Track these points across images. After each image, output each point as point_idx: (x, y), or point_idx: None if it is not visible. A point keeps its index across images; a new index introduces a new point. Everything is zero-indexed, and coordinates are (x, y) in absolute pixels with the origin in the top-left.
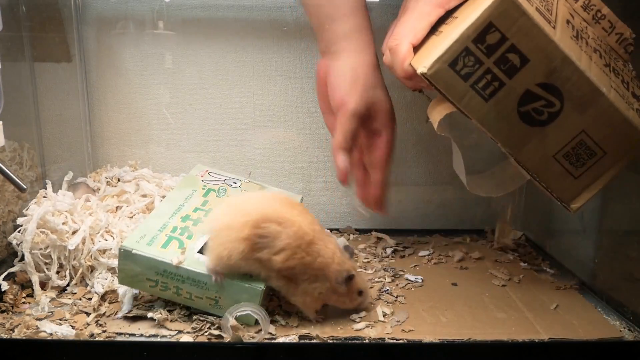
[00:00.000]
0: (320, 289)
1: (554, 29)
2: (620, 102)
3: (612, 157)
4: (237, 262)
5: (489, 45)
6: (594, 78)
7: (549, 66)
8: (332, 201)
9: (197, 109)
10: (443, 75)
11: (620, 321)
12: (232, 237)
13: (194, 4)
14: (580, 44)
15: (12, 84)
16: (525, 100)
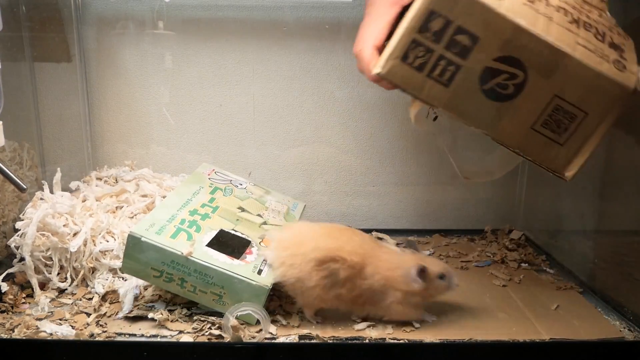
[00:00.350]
0: (397, 299)
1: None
2: (590, 57)
3: (595, 116)
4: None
5: (435, 32)
6: (552, 40)
7: (501, 39)
8: (332, 201)
9: (197, 109)
10: (398, 72)
11: (620, 321)
12: (305, 286)
13: (194, 4)
14: (536, 6)
15: (12, 84)
16: (486, 78)
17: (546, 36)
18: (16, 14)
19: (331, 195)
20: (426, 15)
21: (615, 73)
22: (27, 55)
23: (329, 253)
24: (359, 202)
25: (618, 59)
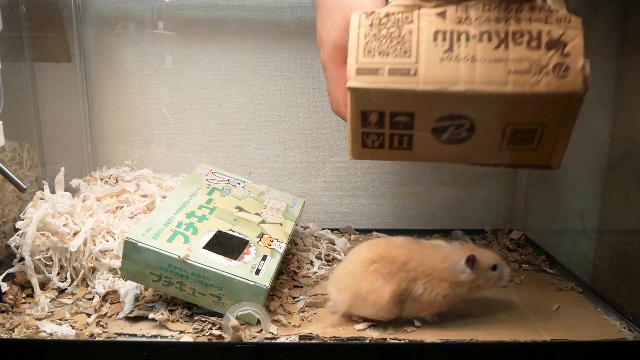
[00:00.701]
0: (443, 292)
1: (414, 74)
2: (525, 82)
3: (556, 121)
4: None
5: (377, 122)
6: (479, 88)
7: (432, 107)
8: (332, 201)
9: (197, 109)
10: (365, 154)
11: (620, 321)
12: (362, 298)
13: (194, 4)
14: (455, 52)
15: (12, 84)
16: (438, 134)
17: (473, 85)
18: (16, 14)
19: (331, 195)
20: (361, 115)
21: (557, 85)
22: (27, 55)
23: (367, 257)
24: (359, 202)
25: (559, 61)
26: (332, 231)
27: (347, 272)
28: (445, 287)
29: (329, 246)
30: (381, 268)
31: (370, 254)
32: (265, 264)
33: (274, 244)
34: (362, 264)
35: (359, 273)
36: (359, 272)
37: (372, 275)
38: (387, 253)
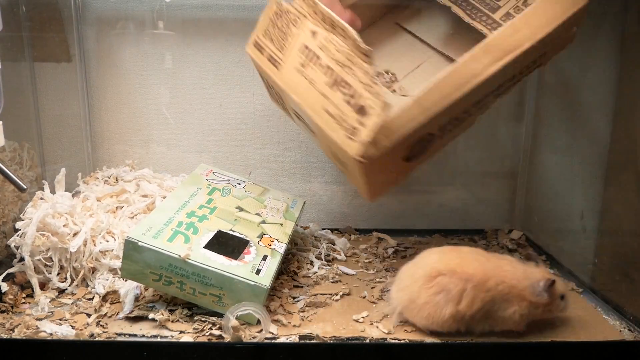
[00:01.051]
0: (520, 310)
1: (278, 69)
2: (330, 123)
3: (353, 168)
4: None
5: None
6: (305, 108)
7: (286, 102)
8: (332, 201)
9: (197, 109)
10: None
11: (620, 321)
12: (416, 305)
13: (194, 4)
14: (306, 70)
15: (12, 84)
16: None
17: (300, 105)
18: (16, 14)
19: (331, 195)
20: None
21: (344, 142)
22: (27, 55)
23: (436, 267)
24: (359, 202)
25: (355, 125)
26: (332, 231)
27: (410, 274)
28: (524, 306)
29: (329, 246)
30: (450, 284)
31: (439, 265)
32: (265, 264)
33: (274, 244)
34: (428, 272)
35: (422, 280)
36: (422, 279)
37: (435, 288)
38: (461, 269)
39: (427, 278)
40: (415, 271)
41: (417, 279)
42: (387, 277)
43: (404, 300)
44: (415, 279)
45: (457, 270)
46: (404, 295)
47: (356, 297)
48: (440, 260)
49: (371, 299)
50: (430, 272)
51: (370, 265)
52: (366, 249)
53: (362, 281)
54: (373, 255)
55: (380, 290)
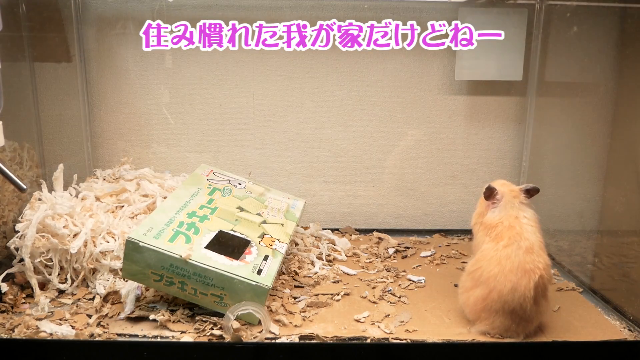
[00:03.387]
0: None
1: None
2: None
3: None
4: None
5: None
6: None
7: None
8: (332, 201)
9: (197, 109)
10: None
11: (620, 321)
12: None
13: (194, 4)
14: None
15: (12, 84)
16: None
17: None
18: (16, 14)
19: (331, 195)
20: None
21: None
22: (27, 55)
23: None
24: (359, 202)
25: None
26: (332, 231)
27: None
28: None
29: (330, 246)
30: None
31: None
32: (266, 264)
33: (275, 244)
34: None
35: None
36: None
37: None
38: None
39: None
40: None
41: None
42: (387, 277)
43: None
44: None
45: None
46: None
47: (357, 297)
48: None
49: (372, 299)
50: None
51: (371, 265)
52: (367, 249)
53: (363, 281)
54: (374, 255)
55: (382, 290)
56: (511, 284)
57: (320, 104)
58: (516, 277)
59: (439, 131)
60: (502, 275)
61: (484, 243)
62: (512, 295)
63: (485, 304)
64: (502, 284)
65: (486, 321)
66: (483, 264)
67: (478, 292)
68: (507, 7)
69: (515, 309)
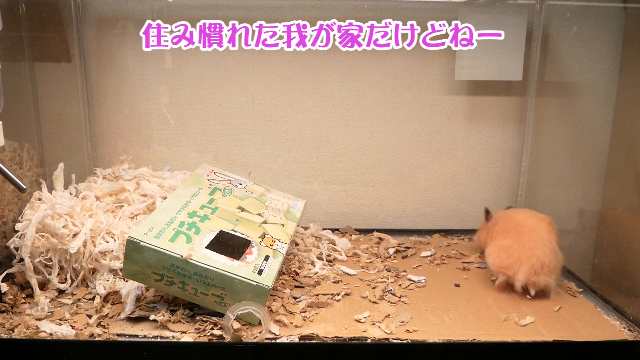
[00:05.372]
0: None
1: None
2: None
3: None
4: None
5: None
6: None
7: None
8: (332, 201)
9: (197, 109)
10: None
11: (620, 321)
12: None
13: (194, 4)
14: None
15: (12, 84)
16: None
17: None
18: (16, 14)
19: (331, 195)
20: None
21: None
22: (27, 55)
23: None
24: (359, 202)
25: None
26: (332, 231)
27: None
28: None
29: (330, 246)
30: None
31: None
32: (267, 264)
33: (276, 244)
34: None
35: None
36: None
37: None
38: None
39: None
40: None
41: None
42: (388, 277)
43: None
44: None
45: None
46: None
47: (357, 297)
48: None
49: (372, 299)
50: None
51: (371, 265)
52: (367, 249)
53: (363, 281)
54: (374, 255)
55: (382, 290)
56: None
57: (320, 104)
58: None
59: (439, 131)
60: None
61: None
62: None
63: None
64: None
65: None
66: (503, 225)
67: (507, 240)
68: (507, 7)
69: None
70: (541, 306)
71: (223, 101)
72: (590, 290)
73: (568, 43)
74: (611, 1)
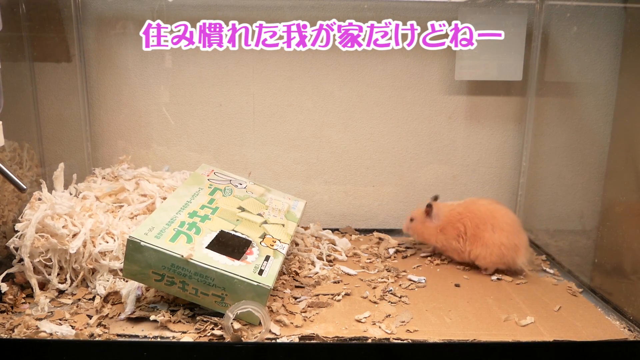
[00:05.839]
0: None
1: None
2: None
3: None
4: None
5: None
6: None
7: None
8: (332, 201)
9: (197, 109)
10: None
11: (620, 321)
12: None
13: (194, 4)
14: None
15: (12, 84)
16: None
17: None
18: (16, 14)
19: (331, 195)
20: None
21: None
22: (27, 55)
23: None
24: (359, 202)
25: None
26: (332, 231)
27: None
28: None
29: (330, 246)
30: None
31: None
32: (268, 264)
33: (276, 244)
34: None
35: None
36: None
37: None
38: None
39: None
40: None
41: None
42: (388, 277)
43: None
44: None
45: None
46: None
47: (358, 297)
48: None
49: (373, 299)
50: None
51: (371, 265)
52: (367, 249)
53: (364, 281)
54: (374, 255)
55: (382, 290)
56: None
57: (320, 104)
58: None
59: (439, 131)
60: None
61: (456, 233)
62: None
63: (508, 236)
64: (504, 219)
65: (522, 252)
66: (480, 218)
67: (498, 235)
68: (507, 7)
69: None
70: (541, 306)
71: (223, 101)
72: (590, 290)
73: (568, 43)
74: (611, 1)
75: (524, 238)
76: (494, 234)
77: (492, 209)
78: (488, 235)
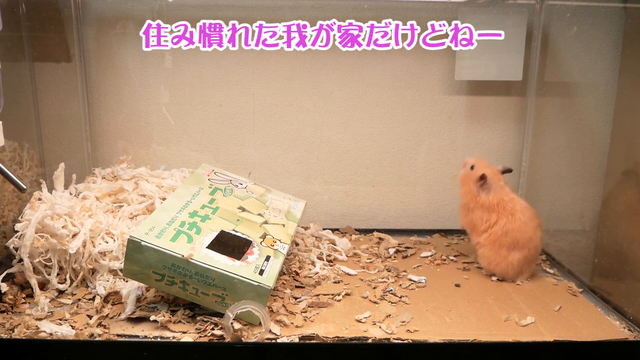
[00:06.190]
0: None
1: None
2: None
3: None
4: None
5: None
6: None
7: None
8: (332, 201)
9: (197, 109)
10: None
11: (620, 321)
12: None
13: (194, 4)
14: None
15: (12, 84)
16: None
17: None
18: (16, 14)
19: (331, 195)
20: None
21: None
22: (27, 55)
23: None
24: (359, 202)
25: None
26: (332, 231)
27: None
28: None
29: (330, 246)
30: None
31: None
32: (268, 264)
33: (277, 244)
34: None
35: None
36: None
37: None
38: None
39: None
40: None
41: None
42: (388, 277)
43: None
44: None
45: None
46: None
47: (358, 297)
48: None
49: (373, 299)
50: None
51: (372, 265)
52: (367, 249)
53: (364, 281)
54: (374, 255)
55: (383, 290)
56: (538, 238)
57: (320, 104)
58: (536, 233)
59: (439, 131)
60: (534, 235)
61: (486, 219)
62: (539, 246)
63: (526, 259)
64: (535, 241)
65: (527, 272)
66: (516, 233)
67: (518, 255)
68: (507, 7)
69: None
70: (541, 306)
71: (223, 101)
72: (590, 290)
73: (568, 43)
74: (611, 1)
75: (533, 265)
76: (512, 250)
77: (525, 229)
78: (506, 248)
